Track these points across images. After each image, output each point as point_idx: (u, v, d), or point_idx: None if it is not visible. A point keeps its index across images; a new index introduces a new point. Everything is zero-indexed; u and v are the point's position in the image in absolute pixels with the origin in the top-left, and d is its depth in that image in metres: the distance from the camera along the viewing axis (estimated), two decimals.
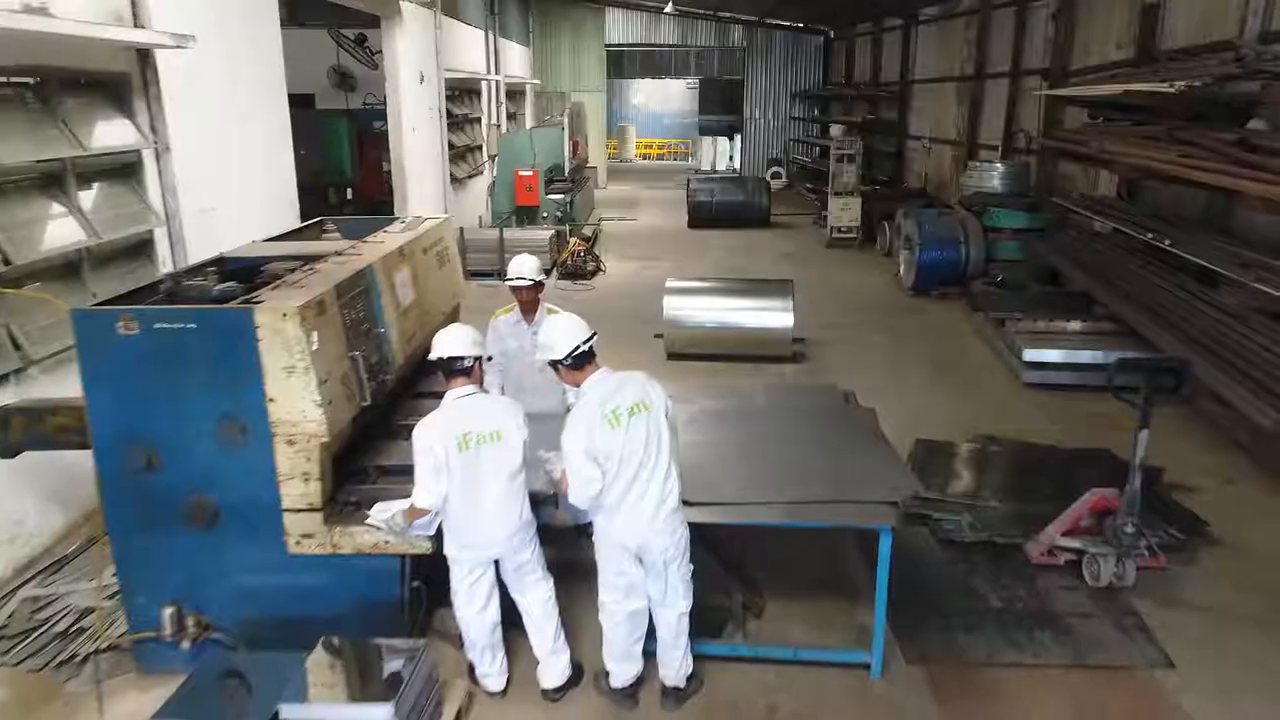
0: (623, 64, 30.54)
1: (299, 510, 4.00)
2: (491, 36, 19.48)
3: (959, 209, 12.98)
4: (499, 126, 19.59)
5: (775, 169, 26.37)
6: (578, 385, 3.84)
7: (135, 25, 6.25)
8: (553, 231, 13.93)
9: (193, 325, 3.84)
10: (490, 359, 4.94)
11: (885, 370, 8.84)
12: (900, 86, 20.31)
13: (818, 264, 14.54)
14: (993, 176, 12.96)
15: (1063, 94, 10.55)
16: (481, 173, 18.08)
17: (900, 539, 4.68)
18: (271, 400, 3.84)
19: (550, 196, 15.39)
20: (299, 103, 10.48)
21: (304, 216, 8.26)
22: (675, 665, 4.00)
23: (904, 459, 4.92)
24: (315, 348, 3.85)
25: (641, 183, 27.66)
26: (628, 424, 3.68)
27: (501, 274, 7.74)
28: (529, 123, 23.44)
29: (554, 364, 3.86)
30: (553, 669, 4.10)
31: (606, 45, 27.06)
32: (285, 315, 3.78)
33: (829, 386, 5.94)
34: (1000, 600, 4.87)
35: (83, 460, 4.19)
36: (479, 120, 18.41)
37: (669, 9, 24.77)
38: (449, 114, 14.97)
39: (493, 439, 3.76)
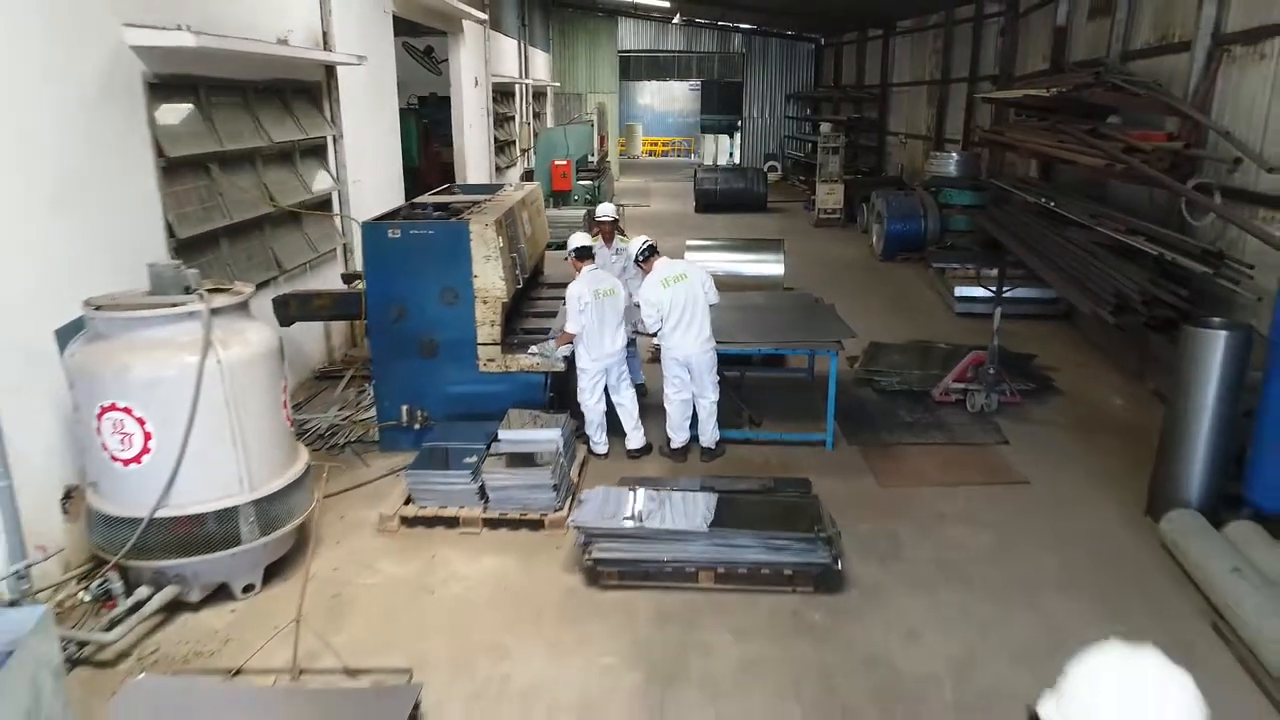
0: (631, 68, 33.35)
1: (486, 344, 6.78)
2: (523, 45, 22.29)
3: (920, 190, 15.78)
4: (529, 124, 22.40)
5: (771, 163, 29.14)
6: (649, 272, 6.62)
7: (325, 49, 9.05)
8: (584, 211, 16.68)
9: (431, 232, 6.64)
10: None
11: (853, 306, 11.44)
12: (881, 89, 23.11)
13: (806, 239, 17.32)
14: (949, 164, 15.75)
15: (992, 97, 13.35)
16: (515, 164, 20.89)
17: (852, 390, 7.54)
18: (475, 276, 6.62)
19: (580, 182, 18.15)
20: None
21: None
22: (709, 435, 6.80)
23: (851, 332, 7.65)
24: (501, 245, 6.65)
25: (650, 176, 30.42)
26: (673, 287, 6.48)
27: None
28: (550, 121, 26.25)
29: (636, 261, 6.67)
30: (634, 441, 6.89)
31: (620, 51, 29.85)
32: (486, 225, 6.57)
33: (805, 293, 8.75)
34: (910, 419, 7.67)
35: (305, 339, 6.90)
36: (513, 118, 21.23)
37: (676, 20, 27.55)
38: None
39: (611, 293, 6.55)
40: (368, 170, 10.27)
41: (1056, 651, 3.90)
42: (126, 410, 4.49)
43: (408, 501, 5.89)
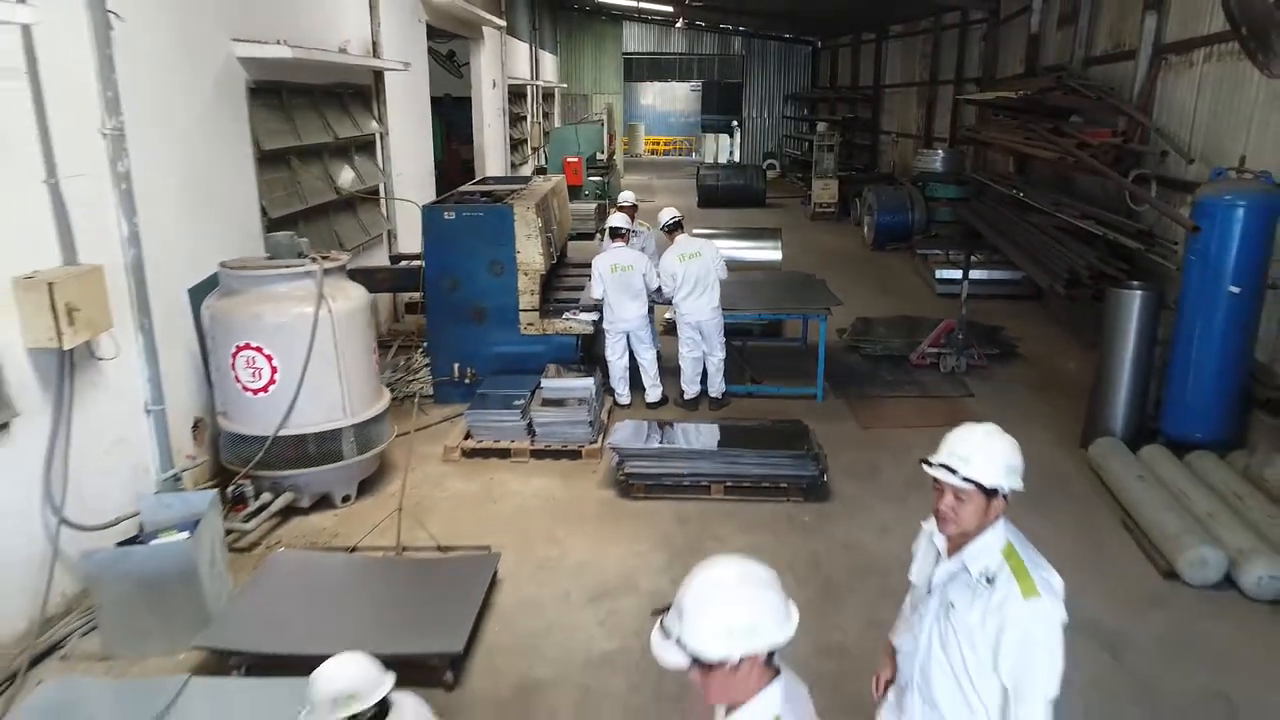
0: (633, 69, 34.54)
1: (527, 310, 7.95)
2: (534, 49, 23.46)
3: (909, 185, 16.97)
4: (539, 123, 23.57)
5: (770, 161, 30.30)
6: (672, 245, 7.80)
7: (375, 56, 10.21)
8: (595, 204, 17.85)
9: (481, 214, 7.81)
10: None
11: (845, 288, 12.63)
12: (874, 90, 24.30)
13: (803, 231, 18.48)
14: (935, 161, 16.93)
15: (972, 98, 14.53)
16: (528, 161, 22.06)
17: (840, 357, 8.72)
18: (518, 252, 7.79)
19: (590, 178, 19.32)
20: None
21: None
22: (717, 387, 7.98)
23: (838, 300, 8.80)
24: (540, 225, 7.82)
25: (653, 173, 31.57)
26: (688, 263, 7.65)
27: None
28: (557, 120, 27.42)
29: (663, 229, 7.87)
30: (653, 395, 8.06)
31: (624, 53, 31.04)
32: (527, 208, 7.75)
33: (800, 271, 9.92)
34: (890, 378, 8.85)
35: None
36: (525, 118, 22.40)
37: (679, 24, 28.74)
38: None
39: (629, 269, 7.71)
40: (408, 164, 11.44)
41: None
42: (258, 349, 5.66)
43: (467, 437, 7.06)
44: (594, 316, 7.91)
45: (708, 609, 1.86)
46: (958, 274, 12.02)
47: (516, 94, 21.53)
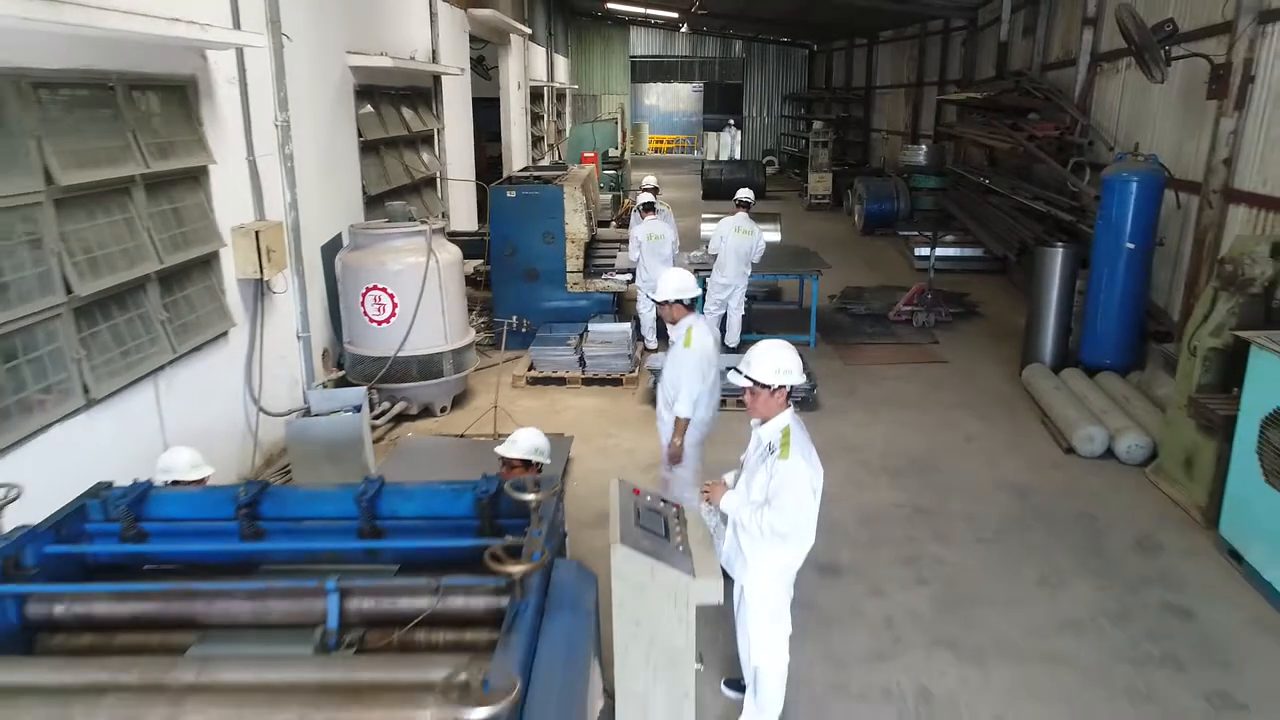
0: (638, 71, 36.33)
1: (573, 271, 9.74)
2: (550, 53, 25.24)
3: (895, 177, 18.77)
4: (554, 122, 25.35)
5: (769, 158, 32.12)
6: (733, 215, 9.57)
7: (435, 63, 12.00)
8: (611, 195, 19.63)
9: (537, 192, 9.60)
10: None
11: (836, 264, 14.53)
12: (866, 91, 26.11)
13: (800, 220, 20.28)
14: (919, 155, 18.73)
15: (948, 99, 16.34)
16: (545, 156, 23.82)
17: (831, 316, 10.53)
18: (566, 224, 9.58)
19: (605, 171, 21.09)
20: None
21: None
22: (735, 334, 9.76)
23: (828, 265, 10.60)
24: (583, 201, 9.60)
25: (659, 170, 33.34)
26: (737, 237, 9.41)
27: None
28: (569, 119, 29.20)
29: (737, 202, 9.66)
30: None
31: (631, 56, 32.82)
32: (574, 188, 9.54)
33: (796, 245, 11.73)
34: (871, 331, 10.65)
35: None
36: (542, 117, 24.19)
37: (684, 30, 30.54)
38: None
39: (659, 238, 9.48)
40: (455, 155, 13.22)
41: (945, 429, 7.27)
42: (383, 289, 7.44)
43: (530, 369, 8.85)
44: (628, 277, 9.70)
45: (767, 354, 3.62)
46: (934, 254, 13.92)
47: (534, 94, 23.32)
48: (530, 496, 2.70)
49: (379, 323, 7.55)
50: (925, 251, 13.95)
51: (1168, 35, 7.45)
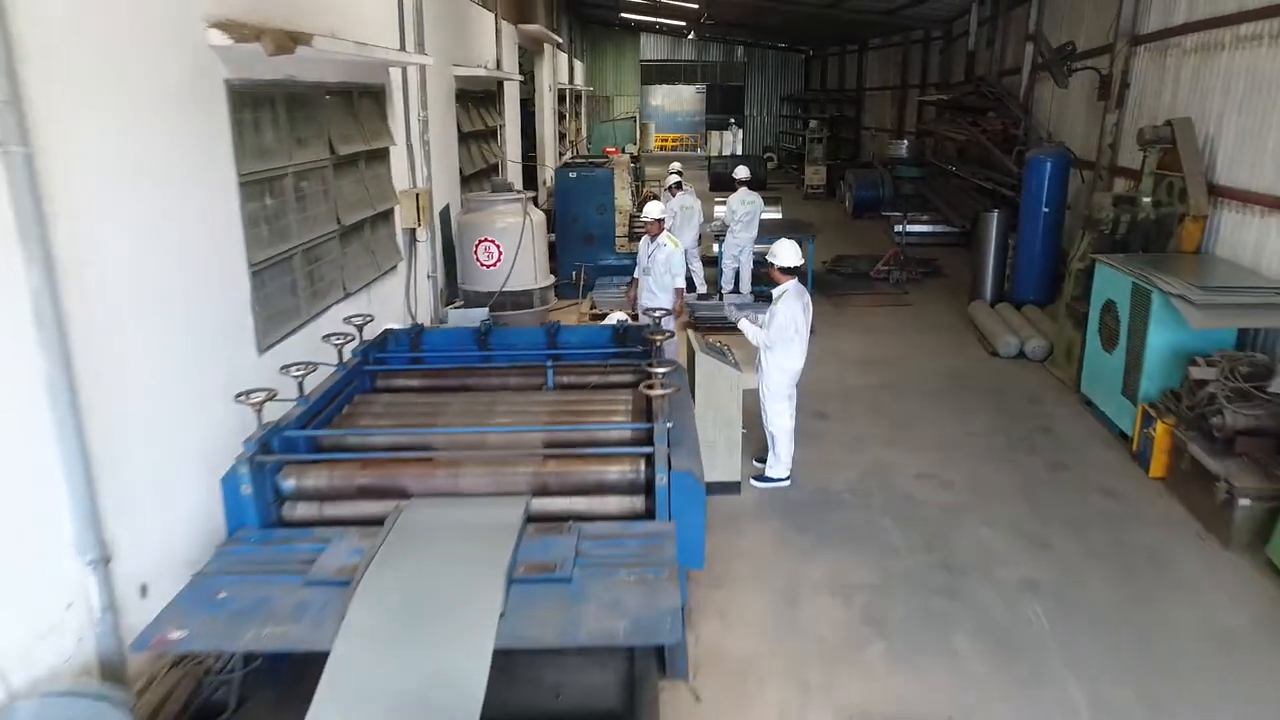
0: (645, 73, 38.98)
1: (620, 236, 12.41)
2: (571, 58, 27.90)
3: (881, 168, 21.45)
4: (576, 120, 28.00)
5: (768, 154, 34.78)
6: (736, 191, 12.24)
7: (500, 69, 14.65)
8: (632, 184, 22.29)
9: (593, 173, 12.27)
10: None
11: (829, 240, 17.28)
12: (857, 93, 28.80)
13: (796, 208, 22.92)
14: (901, 149, 21.36)
15: (923, 100, 19.02)
16: (568, 151, 26.47)
17: (823, 277, 13.23)
18: (615, 198, 12.24)
19: None
20: None
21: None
22: (746, 286, 12.43)
23: (819, 230, 13.24)
24: (628, 180, 12.27)
25: (663, 166, 36.01)
26: (746, 205, 12.09)
27: None
28: (584, 119, 31.85)
29: (736, 181, 12.27)
30: (701, 289, 12.52)
31: (640, 60, 35.50)
32: (621, 170, 12.22)
33: (793, 218, 14.43)
34: (855, 285, 13.32)
35: None
36: (565, 116, 26.83)
37: (691, 36, 33.21)
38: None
39: (690, 209, 12.17)
40: (509, 148, 15.87)
41: (906, 343, 10.20)
42: (492, 241, 10.09)
43: (592, 306, 11.51)
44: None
45: (787, 245, 6.30)
46: (906, 227, 16.60)
47: (559, 96, 25.96)
48: (655, 336, 5.35)
49: (488, 266, 10.20)
50: (901, 228, 16.68)
51: (1069, 53, 10.13)
